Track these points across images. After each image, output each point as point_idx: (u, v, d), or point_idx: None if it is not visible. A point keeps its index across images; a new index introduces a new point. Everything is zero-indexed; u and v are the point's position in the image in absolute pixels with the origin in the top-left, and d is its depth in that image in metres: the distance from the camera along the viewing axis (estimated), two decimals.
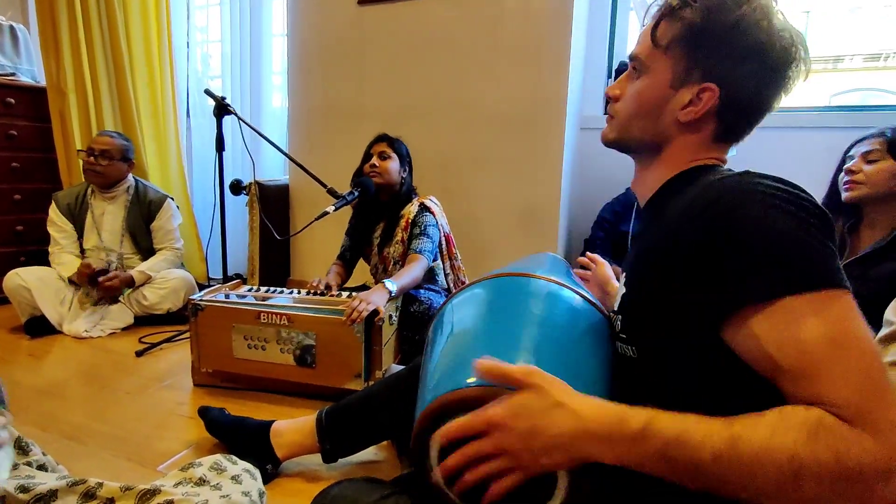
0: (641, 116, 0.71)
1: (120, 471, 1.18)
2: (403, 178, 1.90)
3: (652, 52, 0.69)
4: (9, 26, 2.60)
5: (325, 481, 1.15)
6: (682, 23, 0.66)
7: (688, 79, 0.67)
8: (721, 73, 0.65)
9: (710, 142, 0.69)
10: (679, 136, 0.69)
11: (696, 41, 0.65)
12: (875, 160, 1.32)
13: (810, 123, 2.06)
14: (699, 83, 0.66)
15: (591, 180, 2.45)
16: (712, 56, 0.65)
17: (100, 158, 2.19)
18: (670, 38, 0.67)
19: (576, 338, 0.70)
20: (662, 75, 0.68)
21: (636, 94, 0.71)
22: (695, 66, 0.66)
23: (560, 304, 0.75)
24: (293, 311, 1.53)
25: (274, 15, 2.86)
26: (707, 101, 0.66)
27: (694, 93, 0.66)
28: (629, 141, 0.74)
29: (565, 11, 2.03)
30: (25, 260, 2.53)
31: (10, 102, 2.53)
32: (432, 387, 0.65)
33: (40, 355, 1.92)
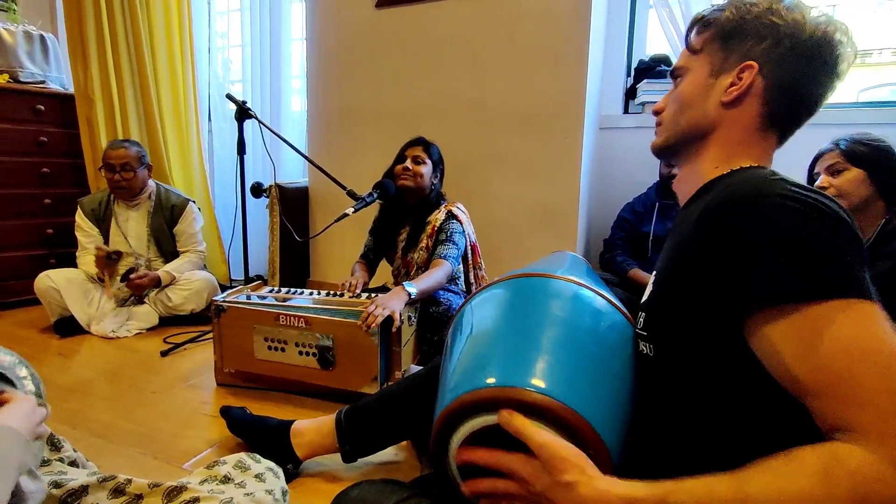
0: (686, 108, 0.72)
1: (146, 468, 1.21)
2: (434, 183, 1.90)
3: (688, 58, 0.73)
4: (39, 36, 2.68)
5: (346, 481, 1.15)
6: (715, 25, 0.69)
7: (725, 66, 0.68)
8: (757, 53, 0.66)
9: (756, 127, 0.68)
10: (726, 119, 0.69)
11: (728, 34, 0.68)
12: (840, 170, 1.34)
13: (837, 120, 2.01)
14: (737, 66, 0.67)
15: (610, 180, 2.43)
16: (746, 41, 0.67)
17: (122, 173, 2.25)
18: (704, 40, 0.71)
19: (597, 340, 0.69)
20: (701, 70, 0.71)
21: (678, 94, 0.73)
22: (731, 54, 0.68)
23: (581, 304, 0.74)
24: (311, 313, 1.55)
25: (293, 19, 2.90)
26: (747, 79, 0.66)
27: (734, 76, 0.67)
28: (678, 138, 0.74)
29: (584, 10, 2.02)
30: (55, 262, 2.60)
31: (40, 109, 2.60)
32: (451, 387, 0.65)
33: (69, 355, 1.98)
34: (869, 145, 1.34)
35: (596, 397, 0.61)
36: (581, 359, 0.64)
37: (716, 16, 0.70)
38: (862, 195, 1.31)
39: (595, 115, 2.29)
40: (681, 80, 0.73)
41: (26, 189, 2.57)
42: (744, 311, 0.53)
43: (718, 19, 0.69)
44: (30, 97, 2.57)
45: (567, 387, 0.59)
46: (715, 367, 0.58)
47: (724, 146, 0.69)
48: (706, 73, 0.70)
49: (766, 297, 0.51)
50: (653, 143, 0.78)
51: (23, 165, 2.56)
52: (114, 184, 2.26)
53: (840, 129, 1.99)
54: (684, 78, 0.73)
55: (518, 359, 0.63)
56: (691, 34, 0.73)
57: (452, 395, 0.63)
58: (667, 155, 0.77)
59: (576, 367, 0.61)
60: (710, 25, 0.70)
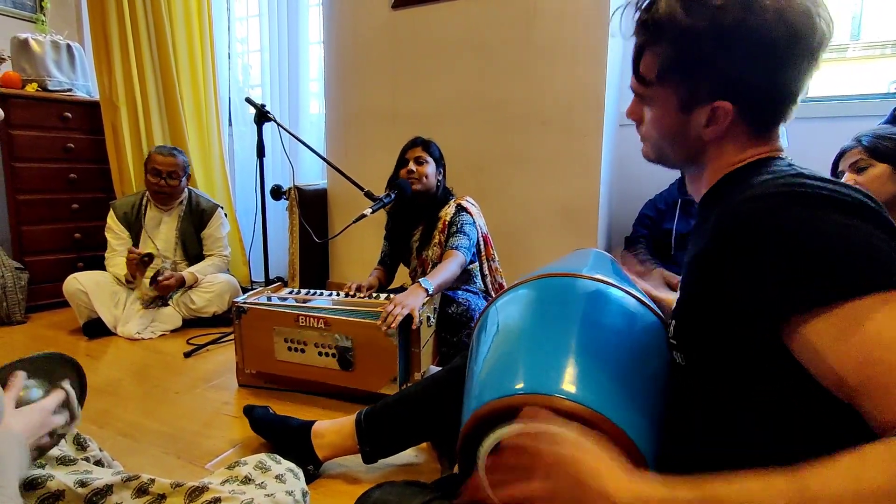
0: (668, 142, 0.68)
1: (170, 468, 1.23)
2: (439, 180, 1.90)
3: (644, 88, 0.66)
4: (66, 45, 2.75)
5: (366, 483, 1.15)
6: (664, 53, 0.61)
7: (696, 101, 0.62)
8: (727, 84, 0.59)
9: (748, 140, 0.63)
10: (713, 148, 0.65)
11: (685, 66, 0.61)
12: (864, 167, 1.28)
13: (867, 112, 1.94)
14: (709, 102, 0.61)
15: (632, 177, 2.39)
16: (710, 73, 0.59)
17: (169, 179, 2.30)
18: (658, 71, 0.63)
19: (628, 342, 0.67)
20: (668, 103, 0.64)
21: (653, 122, 0.68)
22: (698, 87, 0.61)
23: (610, 304, 0.71)
24: (331, 314, 1.55)
25: (310, 24, 2.92)
26: (724, 117, 0.61)
27: (707, 112, 0.61)
28: (668, 161, 0.71)
29: (601, 6, 1.99)
30: (83, 265, 2.67)
31: (67, 117, 2.67)
32: (478, 393, 0.63)
33: (97, 356, 2.02)
34: (892, 139, 1.29)
35: (630, 403, 0.59)
36: (612, 362, 0.62)
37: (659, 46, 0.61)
38: (890, 191, 1.25)
39: (615, 111, 2.26)
40: (647, 103, 0.68)
41: (55, 195, 2.65)
42: (779, 317, 0.50)
43: (664, 48, 0.61)
44: (57, 105, 2.65)
45: (599, 392, 0.57)
46: (750, 377, 0.55)
47: (721, 162, 0.65)
48: (675, 107, 0.64)
49: (801, 299, 0.48)
50: (644, 153, 0.74)
51: (51, 171, 2.63)
52: (157, 188, 2.31)
53: (870, 122, 1.93)
54: (651, 106, 0.67)
55: (547, 364, 0.61)
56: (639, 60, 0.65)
57: (479, 401, 0.61)
58: (663, 166, 0.74)
59: (607, 371, 0.59)
60: (658, 52, 0.62)
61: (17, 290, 2.39)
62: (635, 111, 0.71)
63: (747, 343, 0.54)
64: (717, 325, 0.57)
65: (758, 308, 0.52)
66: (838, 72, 2.32)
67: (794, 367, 0.51)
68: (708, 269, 0.57)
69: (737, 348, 0.56)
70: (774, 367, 0.53)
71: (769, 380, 0.54)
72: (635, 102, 0.71)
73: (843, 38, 2.30)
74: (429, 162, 1.86)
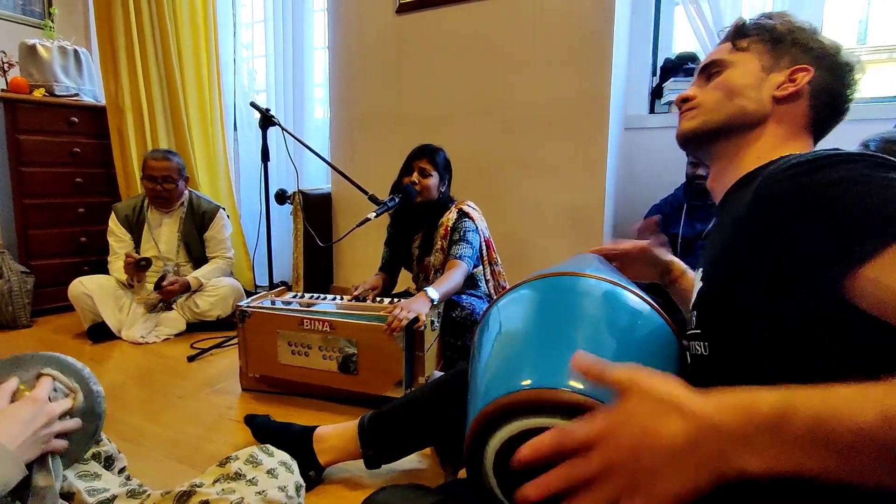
0: (736, 95, 0.72)
1: (172, 472, 1.22)
2: (442, 191, 1.88)
3: (731, 53, 0.74)
4: (73, 50, 2.77)
5: (368, 488, 1.14)
6: (764, 29, 0.73)
7: (777, 65, 0.71)
8: (808, 59, 0.70)
9: (802, 125, 0.71)
10: (776, 112, 0.70)
11: (778, 39, 0.72)
12: None
13: (875, 116, 1.93)
14: (790, 67, 0.70)
15: (637, 181, 2.38)
16: (796, 49, 0.71)
17: (165, 184, 2.30)
18: (751, 41, 0.74)
19: (635, 337, 0.66)
20: (751, 63, 0.73)
21: (724, 81, 0.73)
22: (782, 57, 0.71)
23: (615, 302, 0.70)
24: (335, 317, 1.54)
25: (315, 29, 2.94)
26: (803, 79, 0.69)
27: (786, 75, 0.70)
28: (720, 123, 0.73)
29: (607, 8, 1.99)
30: (89, 269, 2.68)
31: (74, 121, 2.69)
32: (484, 391, 0.62)
33: (101, 360, 2.02)
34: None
35: None
36: (619, 356, 0.61)
37: (764, 22, 0.73)
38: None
39: (620, 115, 2.25)
40: (722, 71, 0.74)
41: (61, 198, 2.66)
42: (843, 269, 0.48)
43: (766, 25, 0.73)
44: (64, 110, 2.67)
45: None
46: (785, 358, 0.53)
47: (771, 139, 0.70)
48: (757, 66, 0.72)
49: (872, 242, 0.47)
50: (683, 127, 0.76)
51: (58, 175, 2.64)
52: (154, 194, 2.32)
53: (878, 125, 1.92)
54: (728, 69, 0.74)
55: (553, 359, 0.60)
56: (735, 34, 0.75)
57: (486, 399, 0.60)
58: (698, 141, 0.75)
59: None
60: (758, 29, 0.73)
61: (22, 293, 2.40)
62: (692, 90, 0.77)
63: (793, 314, 0.53)
64: (751, 302, 0.56)
65: (825, 258, 0.50)
66: None
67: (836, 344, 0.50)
68: (748, 239, 0.57)
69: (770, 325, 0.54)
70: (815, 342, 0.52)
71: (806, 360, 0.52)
72: (694, 85, 0.77)
73: (850, 43, 2.29)
74: (432, 175, 1.84)
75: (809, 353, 0.52)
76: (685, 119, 0.76)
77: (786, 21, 0.73)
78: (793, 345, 0.53)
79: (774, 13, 0.75)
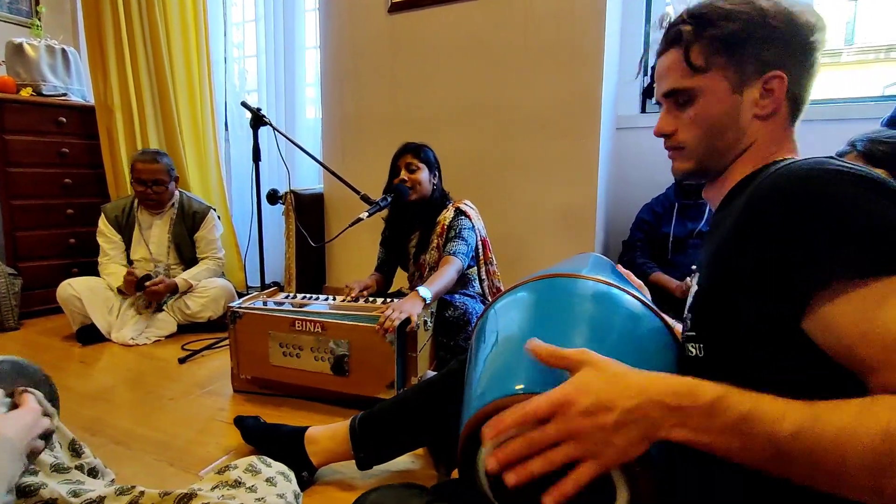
0: (719, 131, 0.68)
1: (163, 475, 1.21)
2: (435, 185, 1.88)
3: (692, 76, 0.68)
4: (61, 49, 2.74)
5: (361, 489, 1.13)
6: (712, 38, 0.66)
7: (745, 79, 0.66)
8: (772, 58, 0.65)
9: (786, 126, 0.68)
10: (763, 130, 0.68)
11: (732, 45, 0.65)
12: None
13: (861, 115, 1.95)
14: (759, 76, 0.66)
15: (628, 181, 2.39)
16: (754, 49, 0.65)
17: (154, 187, 2.28)
18: (706, 55, 0.67)
19: (634, 342, 0.66)
20: (719, 87, 0.67)
21: (700, 117, 0.69)
22: (745, 66, 0.66)
23: (613, 305, 0.70)
24: (327, 318, 1.54)
25: (307, 28, 2.92)
26: (780, 87, 0.65)
27: (759, 87, 0.66)
28: (712, 161, 0.71)
29: (598, 10, 1.99)
30: (78, 271, 2.64)
31: (62, 121, 2.66)
32: (478, 394, 0.62)
33: (90, 362, 2.00)
34: (887, 143, 1.28)
35: None
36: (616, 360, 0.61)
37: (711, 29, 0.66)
38: None
39: (612, 115, 2.26)
40: (693, 102, 0.69)
41: (49, 200, 2.63)
42: (805, 293, 0.50)
43: (715, 33, 0.66)
44: (52, 110, 2.63)
45: None
46: (771, 366, 0.55)
47: (760, 151, 0.68)
48: (726, 90, 0.67)
49: (828, 273, 0.49)
50: (676, 168, 0.74)
51: (46, 176, 2.61)
52: (145, 197, 2.29)
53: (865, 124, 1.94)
54: (698, 100, 0.68)
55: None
56: (678, 42, 0.68)
57: (480, 402, 0.60)
58: (698, 178, 0.74)
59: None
60: (707, 40, 0.66)
61: (10, 296, 2.37)
62: (669, 122, 0.72)
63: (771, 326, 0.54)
64: (743, 308, 0.57)
65: (786, 284, 0.52)
66: (833, 76, 2.33)
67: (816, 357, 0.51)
68: (738, 247, 0.58)
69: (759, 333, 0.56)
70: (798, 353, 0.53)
71: (792, 367, 0.54)
72: (666, 114, 0.73)
73: (838, 43, 2.31)
74: (421, 168, 1.83)
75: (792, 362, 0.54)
76: (677, 160, 0.74)
77: (730, 11, 0.65)
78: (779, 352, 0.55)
79: (705, 8, 0.67)
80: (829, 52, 2.63)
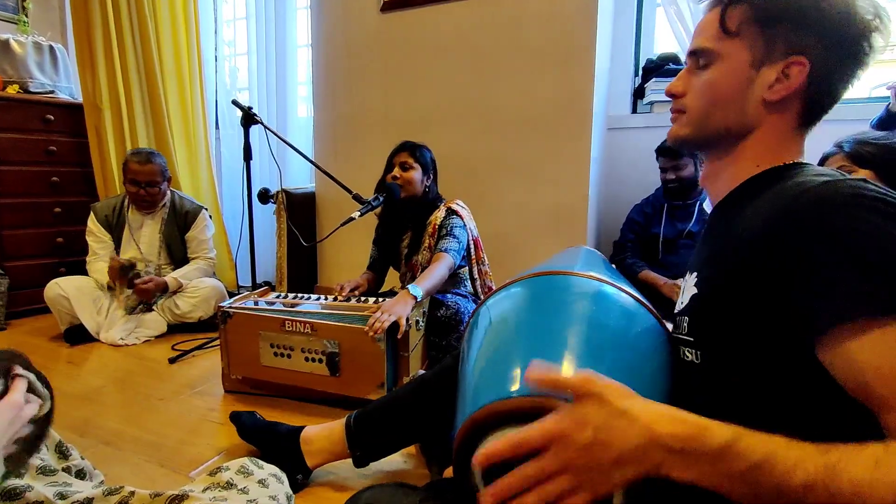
0: (722, 104, 0.65)
1: (153, 476, 1.20)
2: (427, 186, 1.87)
3: (720, 39, 0.64)
4: (48, 46, 2.71)
5: (353, 489, 1.12)
6: (754, 4, 0.62)
7: (769, 56, 0.61)
8: (806, 45, 0.59)
9: (794, 127, 0.64)
10: (767, 120, 0.63)
11: (771, 18, 0.61)
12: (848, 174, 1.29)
13: (849, 116, 1.97)
14: (783, 59, 0.61)
15: (619, 181, 2.40)
16: (794, 28, 0.60)
17: (148, 188, 2.25)
18: (741, 21, 0.62)
19: (629, 340, 0.65)
20: (739, 57, 0.63)
21: (710, 83, 0.65)
22: (775, 42, 0.61)
23: (607, 303, 0.69)
24: (318, 319, 1.53)
25: (298, 27, 2.91)
26: (797, 76, 0.60)
27: (779, 70, 0.61)
28: (708, 134, 0.67)
29: (589, 10, 2.00)
30: (66, 271, 2.61)
31: (50, 119, 2.63)
32: (472, 397, 0.61)
33: (79, 362, 1.98)
34: (874, 144, 1.29)
35: None
36: (611, 361, 0.60)
37: None
38: None
39: (603, 115, 2.27)
40: (711, 66, 0.65)
41: (36, 198, 2.60)
42: (821, 326, 0.49)
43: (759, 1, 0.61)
44: (39, 107, 2.60)
45: None
46: (775, 376, 0.54)
47: (762, 146, 0.64)
48: (746, 62, 0.62)
49: (854, 309, 0.47)
50: (673, 132, 0.70)
51: (33, 175, 2.58)
52: (138, 198, 2.27)
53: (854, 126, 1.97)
54: (716, 64, 0.65)
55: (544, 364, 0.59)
56: (726, 9, 0.64)
57: (475, 404, 0.59)
58: (689, 146, 0.70)
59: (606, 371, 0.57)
60: (748, 2, 0.62)
61: None
62: (682, 82, 0.69)
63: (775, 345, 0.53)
64: (747, 324, 0.55)
65: (800, 313, 0.50)
66: None
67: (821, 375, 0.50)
68: (748, 265, 0.55)
69: (763, 350, 0.54)
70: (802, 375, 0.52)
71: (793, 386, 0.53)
72: (685, 73, 0.69)
73: None
74: (415, 167, 1.83)
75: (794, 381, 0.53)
76: (676, 123, 0.71)
77: None
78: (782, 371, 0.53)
79: None
80: None
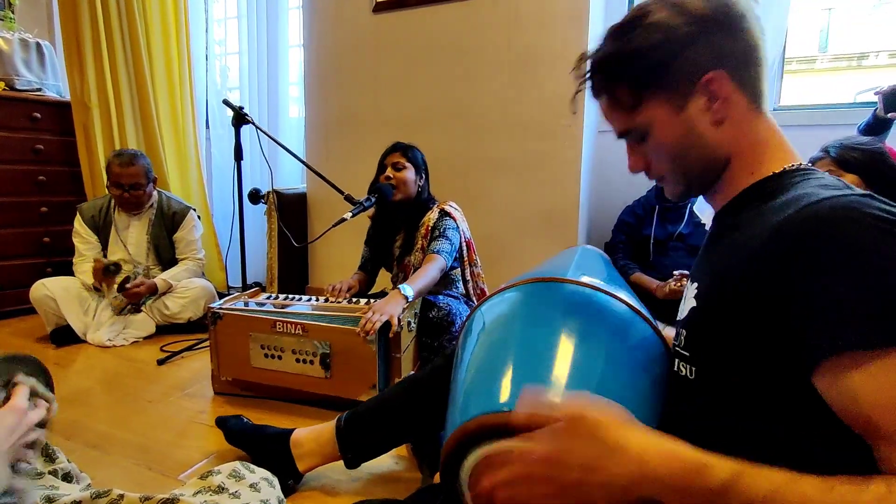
0: (684, 153, 0.65)
1: (141, 480, 1.19)
2: (420, 186, 1.87)
3: (633, 114, 0.65)
4: (35, 43, 2.67)
5: (344, 494, 1.14)
6: (629, 78, 0.64)
7: (683, 95, 0.62)
8: (700, 61, 0.61)
9: (752, 116, 0.63)
10: (728, 134, 0.63)
11: (656, 73, 0.62)
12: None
13: (834, 121, 2.00)
14: (695, 87, 0.61)
15: (610, 183, 2.42)
16: (683, 62, 0.61)
17: (132, 190, 2.22)
18: (631, 93, 0.64)
19: (620, 353, 0.64)
20: (661, 114, 0.64)
21: (659, 148, 0.66)
22: (676, 83, 0.62)
23: (601, 313, 0.69)
24: (308, 320, 1.53)
25: (290, 26, 2.90)
26: (721, 87, 0.61)
27: (703, 96, 0.62)
28: (699, 176, 0.67)
29: (580, 13, 2.01)
30: (52, 271, 2.58)
31: (37, 117, 2.59)
32: (462, 408, 0.61)
33: (66, 364, 1.96)
34: (860, 149, 1.31)
35: None
36: (602, 374, 0.60)
37: (623, 66, 0.63)
38: None
39: (594, 117, 2.29)
40: (648, 135, 0.66)
41: (23, 197, 2.56)
42: (820, 353, 0.48)
43: (628, 71, 0.63)
44: (26, 105, 2.57)
45: None
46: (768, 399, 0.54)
47: (745, 155, 0.64)
48: (670, 113, 0.63)
49: (855, 338, 0.46)
50: (671, 193, 0.70)
51: (19, 174, 2.54)
52: (122, 200, 2.24)
53: (838, 131, 2.00)
54: (650, 132, 0.65)
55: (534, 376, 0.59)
56: (614, 96, 0.66)
57: (464, 414, 0.59)
58: (698, 194, 0.70)
59: (597, 384, 0.57)
60: (624, 79, 0.64)
61: None
62: (637, 159, 0.70)
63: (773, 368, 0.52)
64: (746, 345, 0.54)
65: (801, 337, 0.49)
66: (806, 82, 2.40)
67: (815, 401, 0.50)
68: (755, 280, 0.53)
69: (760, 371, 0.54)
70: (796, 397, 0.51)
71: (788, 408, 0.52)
72: (631, 152, 0.70)
73: (812, 51, 2.38)
74: (407, 168, 1.83)
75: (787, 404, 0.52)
76: (666, 186, 0.71)
77: (636, 48, 0.62)
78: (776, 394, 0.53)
79: (616, 32, 0.64)
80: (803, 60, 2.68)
